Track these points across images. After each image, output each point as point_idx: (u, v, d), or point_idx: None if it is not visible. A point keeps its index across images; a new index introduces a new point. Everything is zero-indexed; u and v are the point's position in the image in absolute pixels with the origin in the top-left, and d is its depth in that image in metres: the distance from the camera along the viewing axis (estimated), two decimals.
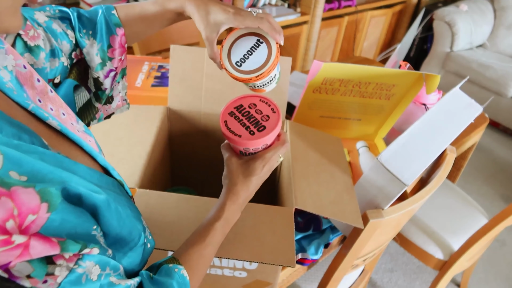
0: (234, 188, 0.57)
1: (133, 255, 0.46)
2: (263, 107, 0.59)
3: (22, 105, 0.42)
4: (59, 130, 0.45)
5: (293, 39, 2.50)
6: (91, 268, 0.36)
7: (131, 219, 0.44)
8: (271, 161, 0.57)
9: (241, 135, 0.55)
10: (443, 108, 0.85)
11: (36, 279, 0.31)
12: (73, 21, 0.61)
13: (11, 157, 0.32)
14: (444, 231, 1.37)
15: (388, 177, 0.76)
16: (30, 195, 0.31)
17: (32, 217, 0.31)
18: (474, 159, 2.43)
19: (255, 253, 0.63)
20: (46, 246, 0.32)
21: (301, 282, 1.17)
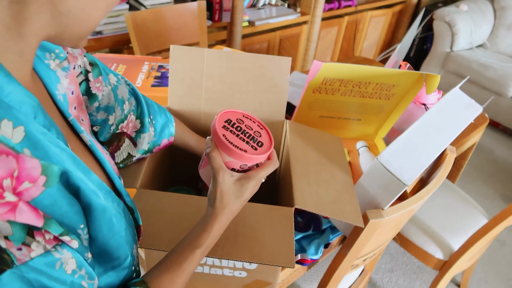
0: (223, 210, 0.52)
1: (113, 275, 0.45)
2: (250, 123, 0.56)
3: (64, 114, 0.47)
4: (89, 146, 0.49)
5: (293, 39, 2.50)
6: (67, 259, 0.36)
7: (121, 239, 0.44)
8: (260, 180, 0.54)
9: (246, 150, 0.51)
10: (443, 108, 0.85)
11: (12, 243, 0.32)
12: (143, 104, 0.72)
13: (32, 138, 0.34)
14: (444, 231, 1.37)
15: (388, 177, 0.76)
16: (34, 164, 0.33)
17: (28, 185, 0.32)
18: (474, 159, 2.43)
19: (255, 253, 0.63)
20: (31, 215, 0.33)
21: (301, 282, 1.17)
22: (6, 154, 0.31)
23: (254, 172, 0.53)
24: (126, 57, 1.24)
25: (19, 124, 0.33)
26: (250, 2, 2.39)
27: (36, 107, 0.37)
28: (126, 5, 1.80)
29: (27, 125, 0.34)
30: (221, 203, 0.52)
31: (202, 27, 1.90)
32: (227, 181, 0.52)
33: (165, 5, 1.91)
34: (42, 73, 0.46)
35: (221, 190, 0.52)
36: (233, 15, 2.09)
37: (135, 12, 1.68)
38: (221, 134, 0.52)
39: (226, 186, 0.52)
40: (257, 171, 0.54)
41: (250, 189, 0.53)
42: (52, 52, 0.49)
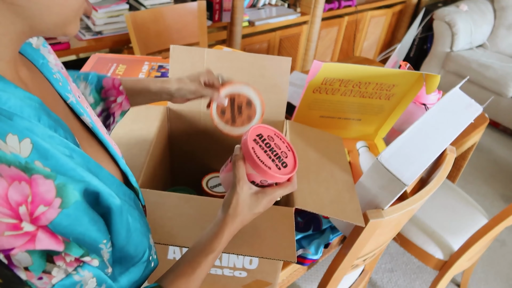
0: (235, 219, 0.53)
1: (135, 270, 0.46)
2: (279, 143, 0.57)
3: (63, 97, 0.45)
4: (90, 128, 0.47)
5: (293, 39, 2.50)
6: (87, 280, 0.36)
7: (138, 234, 0.44)
8: (275, 199, 0.55)
9: (270, 167, 0.53)
10: (443, 108, 0.85)
11: (33, 273, 0.31)
12: None
13: (40, 149, 0.33)
14: (444, 231, 1.37)
15: (388, 177, 0.76)
16: (47, 186, 0.32)
17: (43, 208, 0.31)
18: (474, 159, 2.43)
19: (256, 248, 0.63)
20: (51, 241, 0.32)
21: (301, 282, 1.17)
22: (18, 180, 0.31)
23: (272, 189, 0.54)
24: (126, 57, 1.24)
25: (24, 137, 0.32)
26: (250, 2, 2.39)
27: (38, 108, 0.36)
28: (126, 5, 1.80)
29: (32, 135, 0.33)
30: (235, 212, 0.53)
31: (202, 27, 1.90)
32: (245, 192, 0.53)
33: (165, 5, 1.91)
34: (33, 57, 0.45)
35: (237, 200, 0.53)
36: (233, 15, 2.09)
37: (135, 12, 1.68)
38: (251, 146, 0.53)
39: (243, 197, 0.53)
40: (274, 189, 0.54)
41: (264, 204, 0.54)
42: None
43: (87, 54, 1.72)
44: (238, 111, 0.72)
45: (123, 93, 0.68)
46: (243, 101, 0.72)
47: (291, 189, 0.56)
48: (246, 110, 0.72)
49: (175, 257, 0.70)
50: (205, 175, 0.97)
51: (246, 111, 0.72)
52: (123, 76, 1.11)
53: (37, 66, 0.44)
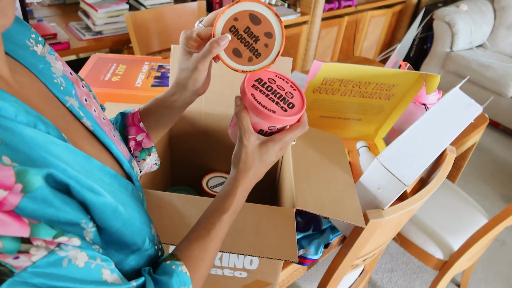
0: (247, 173, 0.51)
1: (136, 258, 0.45)
2: (282, 83, 0.53)
3: (61, 101, 0.45)
4: (91, 131, 0.47)
5: (293, 39, 2.50)
6: (75, 254, 0.35)
7: (135, 223, 0.44)
8: (287, 144, 0.52)
9: (275, 111, 0.49)
10: (443, 108, 0.85)
11: (6, 254, 0.31)
12: None
13: (10, 144, 0.33)
14: (444, 231, 1.37)
15: (388, 177, 0.76)
16: (5, 172, 0.32)
17: (3, 193, 0.31)
18: (474, 159, 2.43)
19: (257, 248, 0.63)
20: (15, 226, 0.32)
21: (301, 282, 1.17)
22: None
23: (281, 134, 0.51)
24: (126, 57, 1.24)
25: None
26: None
27: (15, 105, 0.36)
28: (126, 5, 1.80)
29: (4, 131, 0.33)
30: (245, 166, 0.51)
31: None
32: (252, 143, 0.50)
33: (165, 5, 1.91)
34: (28, 61, 0.44)
35: (246, 152, 0.51)
36: None
37: (135, 12, 1.68)
38: (250, 93, 0.50)
39: (251, 149, 0.51)
40: (283, 133, 0.51)
41: (275, 152, 0.52)
42: (30, 39, 0.47)
43: (87, 54, 1.72)
44: (252, 38, 0.52)
45: (143, 131, 0.63)
46: (247, 22, 0.51)
47: (302, 130, 0.52)
48: (257, 30, 0.51)
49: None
50: (205, 175, 0.97)
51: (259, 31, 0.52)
52: (123, 77, 1.12)
53: (32, 70, 0.44)
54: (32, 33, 0.47)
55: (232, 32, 0.51)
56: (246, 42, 0.51)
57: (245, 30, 0.51)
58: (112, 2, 1.77)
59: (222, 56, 0.51)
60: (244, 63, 0.51)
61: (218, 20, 0.50)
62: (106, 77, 1.10)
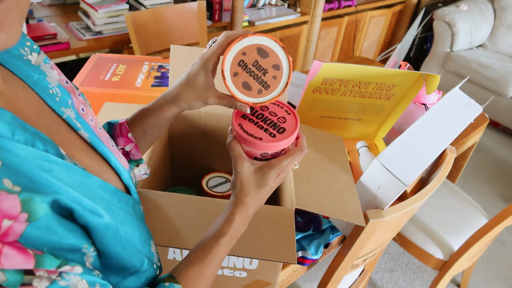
0: (245, 200, 0.51)
1: (134, 279, 0.45)
2: (276, 109, 0.54)
3: (57, 113, 0.43)
4: (89, 142, 0.46)
5: (293, 39, 2.50)
6: (76, 283, 0.35)
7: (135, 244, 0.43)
8: (286, 169, 0.52)
9: (262, 138, 0.49)
10: (443, 108, 0.85)
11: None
12: None
13: (11, 166, 0.32)
14: (444, 231, 1.37)
15: (388, 177, 0.76)
16: (11, 201, 0.30)
17: (8, 223, 0.30)
18: (474, 159, 2.43)
19: (256, 250, 0.63)
20: (20, 258, 0.31)
21: (301, 282, 1.17)
22: None
23: (276, 160, 0.51)
24: (126, 57, 1.24)
25: None
26: (250, 2, 2.39)
27: (12, 123, 0.34)
28: (126, 5, 1.80)
29: (3, 152, 0.32)
30: (242, 192, 0.51)
31: (202, 27, 1.90)
32: (246, 170, 0.51)
33: (165, 5, 1.91)
34: (22, 71, 0.43)
35: (241, 179, 0.51)
36: (233, 15, 2.09)
37: (135, 12, 1.68)
38: (237, 123, 0.51)
39: (246, 175, 0.51)
40: (280, 158, 0.51)
41: (273, 177, 0.51)
42: (25, 47, 0.44)
43: (87, 54, 1.72)
44: (260, 71, 0.53)
45: (132, 141, 0.62)
46: (255, 55, 0.52)
47: (300, 154, 0.52)
48: (266, 63, 0.53)
49: (175, 257, 0.70)
50: (205, 175, 0.97)
51: (267, 64, 0.53)
52: (123, 77, 1.12)
53: (26, 81, 0.42)
54: (27, 41, 0.45)
55: (241, 66, 0.52)
56: (255, 75, 0.52)
57: (253, 64, 0.52)
58: (112, 2, 1.77)
59: (232, 91, 0.52)
60: (254, 96, 0.53)
61: (227, 55, 0.51)
62: (106, 77, 1.10)
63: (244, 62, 0.52)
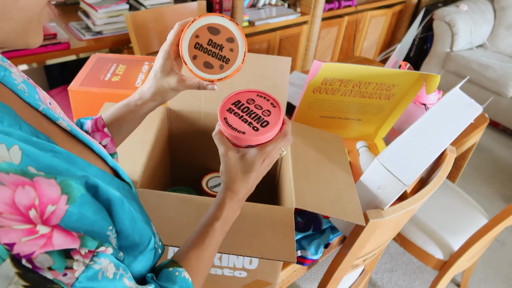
0: (233, 186, 0.54)
1: (144, 259, 0.46)
2: (262, 102, 0.55)
3: (33, 106, 0.44)
4: (69, 131, 0.46)
5: (293, 39, 2.50)
6: (106, 266, 0.37)
7: (141, 223, 0.45)
8: (271, 154, 0.53)
9: (245, 132, 0.51)
10: (443, 108, 0.85)
11: (57, 271, 0.32)
12: None
13: (30, 154, 0.33)
14: (444, 231, 1.37)
15: (388, 177, 0.76)
16: (51, 186, 0.32)
17: (51, 208, 0.32)
18: (474, 159, 2.43)
19: (256, 249, 0.63)
20: (67, 239, 0.32)
21: (301, 282, 1.17)
22: (22, 185, 0.31)
23: (260, 146, 0.53)
24: (126, 57, 1.24)
25: (12, 144, 0.32)
26: (250, 2, 2.39)
27: (17, 117, 0.35)
28: (126, 5, 1.80)
29: (19, 142, 0.33)
30: (230, 179, 0.54)
31: None
32: (232, 157, 0.53)
33: (165, 5, 1.91)
34: None
35: (228, 167, 0.54)
36: (233, 15, 2.09)
37: (135, 12, 1.68)
38: (222, 117, 0.53)
39: (232, 162, 0.53)
40: (264, 144, 0.53)
41: (258, 163, 0.53)
42: None
43: (87, 54, 1.72)
44: (216, 48, 0.56)
45: (108, 135, 0.63)
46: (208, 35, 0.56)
47: (284, 140, 0.54)
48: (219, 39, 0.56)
49: None
50: (205, 175, 0.97)
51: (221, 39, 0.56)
52: (123, 77, 1.12)
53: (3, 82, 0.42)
54: None
55: (197, 48, 0.56)
56: (213, 53, 0.56)
57: (208, 43, 0.56)
58: (112, 2, 1.77)
59: (196, 72, 0.56)
60: (218, 72, 0.56)
61: (182, 41, 0.55)
62: (106, 77, 1.10)
63: (199, 44, 0.56)
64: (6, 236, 0.29)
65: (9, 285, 0.30)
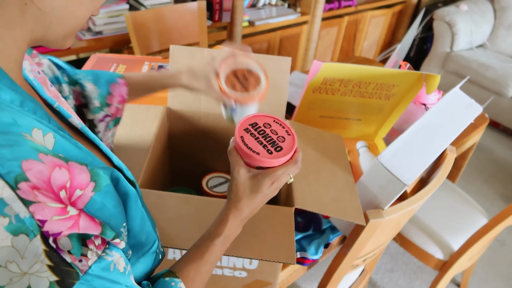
0: (239, 204, 0.54)
1: (145, 261, 0.47)
2: (277, 128, 0.57)
3: (49, 102, 0.46)
4: (79, 128, 0.48)
5: (293, 39, 2.50)
6: (118, 259, 0.37)
7: (148, 223, 0.45)
8: (280, 179, 0.54)
9: (259, 153, 0.53)
10: (443, 108, 0.85)
11: (74, 256, 0.32)
12: (64, 67, 0.66)
13: (61, 143, 0.35)
14: (444, 231, 1.37)
15: (388, 177, 0.76)
16: (83, 171, 0.34)
17: (79, 192, 0.33)
18: (474, 159, 2.43)
19: (256, 250, 0.63)
20: (91, 224, 0.33)
21: (301, 282, 1.17)
22: (58, 166, 0.32)
23: (272, 169, 0.54)
24: (126, 57, 1.24)
25: (47, 131, 0.34)
26: (250, 2, 2.39)
27: (45, 112, 0.37)
28: (126, 5, 1.80)
29: (52, 131, 0.35)
30: (236, 196, 0.54)
31: (202, 27, 1.90)
32: (242, 175, 0.54)
33: (165, 5, 1.91)
34: None
35: (236, 184, 0.54)
36: (233, 15, 2.09)
37: (135, 12, 1.68)
38: (239, 135, 0.54)
39: (242, 180, 0.54)
40: (275, 168, 0.54)
41: (267, 185, 0.54)
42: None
43: (87, 54, 1.72)
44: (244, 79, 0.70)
45: (125, 102, 0.70)
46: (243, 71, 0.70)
47: (294, 167, 0.55)
48: (250, 76, 0.70)
49: (175, 257, 0.70)
50: (205, 175, 0.97)
51: (251, 77, 0.70)
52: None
53: None
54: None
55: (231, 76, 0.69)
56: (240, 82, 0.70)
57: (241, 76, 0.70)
58: (112, 2, 1.77)
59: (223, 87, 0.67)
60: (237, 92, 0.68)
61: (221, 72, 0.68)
62: None
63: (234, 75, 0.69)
64: (40, 212, 0.30)
65: (36, 263, 0.30)
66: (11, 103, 0.34)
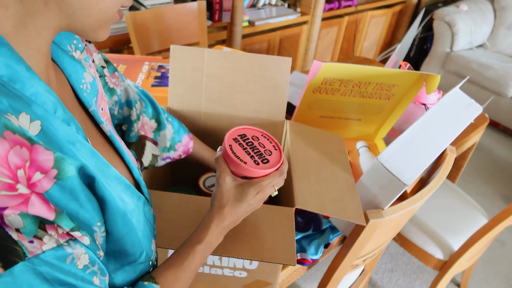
0: (221, 211, 0.54)
1: (130, 270, 0.46)
2: (265, 142, 0.58)
3: (85, 105, 0.48)
4: (108, 136, 0.50)
5: (293, 39, 2.50)
6: (79, 254, 0.37)
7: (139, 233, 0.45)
8: (265, 190, 0.55)
9: (246, 162, 0.54)
10: (443, 108, 0.85)
11: (24, 235, 0.32)
12: (156, 104, 0.75)
13: (48, 134, 0.35)
14: (444, 231, 1.37)
15: (388, 177, 0.76)
16: (46, 156, 0.34)
17: (39, 176, 0.33)
18: (474, 159, 2.43)
19: (256, 251, 0.63)
20: (43, 208, 0.33)
21: (301, 282, 1.17)
22: (20, 145, 0.32)
23: (257, 179, 0.54)
24: (126, 57, 1.24)
25: (36, 119, 0.34)
26: (250, 2, 2.39)
27: (56, 102, 0.38)
28: None
29: (44, 121, 0.35)
30: (220, 203, 0.54)
31: (202, 27, 1.90)
32: (228, 183, 0.54)
33: (165, 5, 1.91)
34: (65, 64, 0.47)
35: (221, 191, 0.54)
36: (233, 15, 2.09)
37: (135, 12, 1.68)
38: (228, 144, 0.55)
39: (226, 188, 0.54)
40: (260, 178, 0.54)
41: (252, 194, 0.54)
42: (71, 44, 0.50)
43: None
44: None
45: (188, 154, 0.82)
46: None
47: (280, 178, 0.55)
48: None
49: None
50: (202, 175, 0.97)
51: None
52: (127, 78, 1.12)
53: (65, 72, 0.47)
54: (75, 39, 0.51)
55: None
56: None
57: None
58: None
59: None
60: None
61: None
62: None
63: None
64: None
65: None
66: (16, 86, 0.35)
